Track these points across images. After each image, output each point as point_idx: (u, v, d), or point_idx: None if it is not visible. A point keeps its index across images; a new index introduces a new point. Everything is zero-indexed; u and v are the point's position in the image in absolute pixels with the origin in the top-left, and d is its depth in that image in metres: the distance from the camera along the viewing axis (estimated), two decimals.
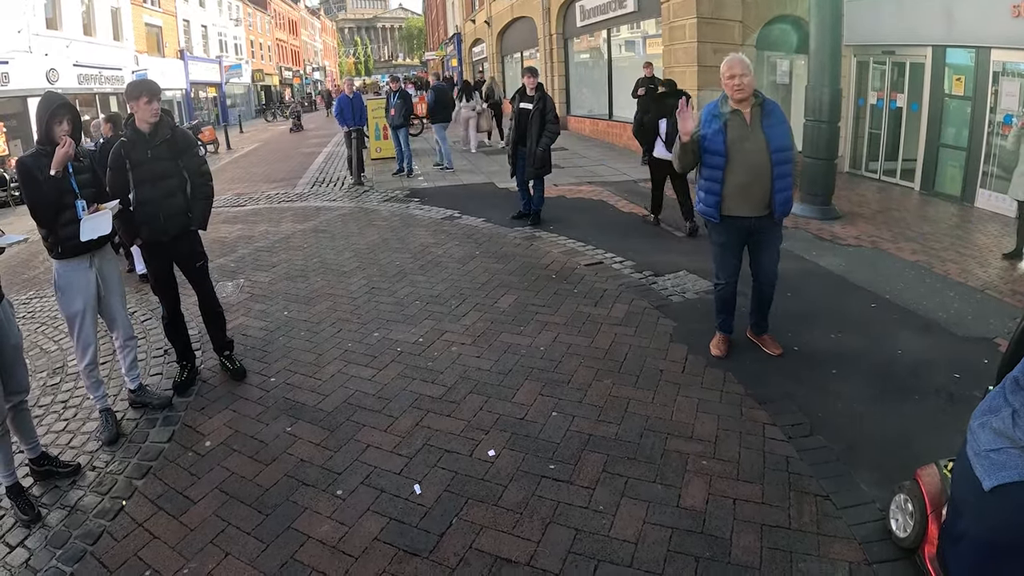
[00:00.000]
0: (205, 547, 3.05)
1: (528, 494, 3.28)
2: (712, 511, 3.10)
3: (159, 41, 31.69)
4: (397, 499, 3.30)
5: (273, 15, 55.19)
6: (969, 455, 2.09)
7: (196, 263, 4.59)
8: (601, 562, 2.82)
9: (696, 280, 6.14)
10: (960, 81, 9.17)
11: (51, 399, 4.61)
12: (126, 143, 4.16)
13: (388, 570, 2.85)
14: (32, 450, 3.59)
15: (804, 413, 3.88)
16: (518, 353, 4.81)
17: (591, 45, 18.85)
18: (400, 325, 5.43)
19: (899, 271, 6.30)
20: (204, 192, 4.50)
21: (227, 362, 4.78)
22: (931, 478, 2.70)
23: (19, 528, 3.24)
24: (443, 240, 8.03)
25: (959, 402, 3.91)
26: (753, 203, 4.29)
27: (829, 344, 4.80)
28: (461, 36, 37.72)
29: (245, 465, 3.65)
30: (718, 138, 4.21)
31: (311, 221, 9.75)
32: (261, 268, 7.36)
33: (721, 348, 4.65)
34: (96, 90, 24.46)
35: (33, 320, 6.30)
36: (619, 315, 5.41)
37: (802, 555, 2.81)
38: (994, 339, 4.78)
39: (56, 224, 3.73)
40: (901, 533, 2.78)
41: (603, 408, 4.03)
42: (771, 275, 4.54)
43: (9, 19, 19.11)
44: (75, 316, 3.92)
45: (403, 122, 13.06)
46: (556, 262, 6.89)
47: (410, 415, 4.06)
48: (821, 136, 8.56)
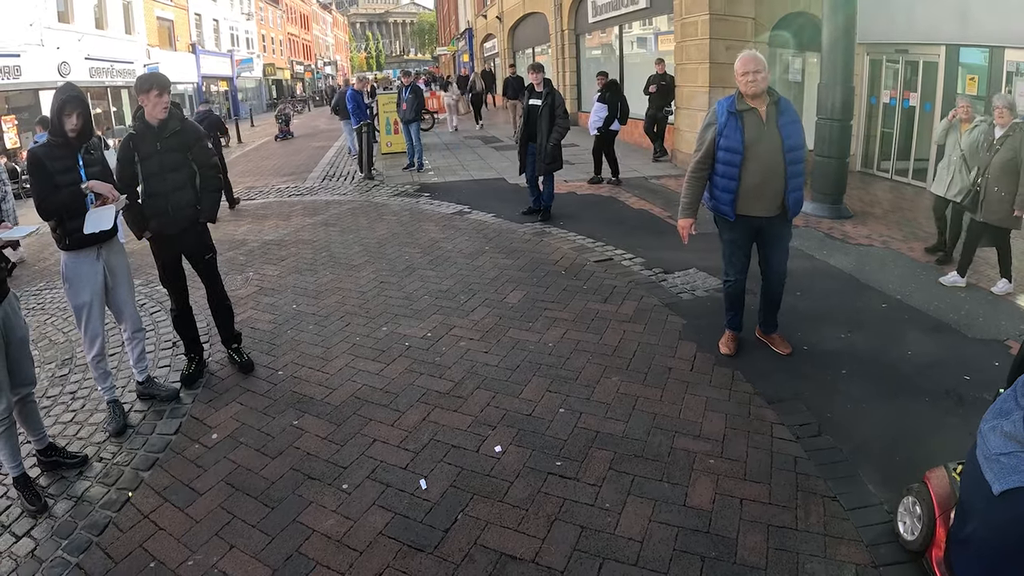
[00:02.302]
0: (210, 539, 3.05)
1: (534, 491, 3.27)
2: (719, 510, 3.08)
3: (171, 35, 31.79)
4: (403, 494, 3.29)
5: (285, 9, 55.29)
6: (979, 458, 2.07)
7: (205, 256, 4.61)
8: (606, 560, 2.81)
9: (706, 277, 6.11)
10: (973, 81, 9.08)
11: (59, 390, 4.63)
12: (135, 136, 4.16)
13: (393, 565, 2.84)
14: (39, 441, 3.60)
15: (812, 413, 3.86)
16: (526, 349, 4.80)
17: (603, 41, 18.78)
18: (408, 320, 5.43)
19: (910, 271, 6.25)
20: (213, 185, 4.50)
21: (235, 355, 4.79)
22: (940, 481, 2.68)
23: (26, 518, 3.27)
24: (452, 235, 8.02)
25: (969, 404, 3.88)
26: (766, 202, 4.25)
27: (839, 344, 4.77)
28: (473, 31, 37.67)
29: (251, 458, 3.66)
30: (736, 135, 4.17)
31: (320, 215, 9.76)
32: (270, 261, 7.38)
33: (730, 346, 4.63)
34: (108, 83, 24.60)
35: (43, 311, 6.34)
36: (628, 312, 5.39)
37: (808, 556, 2.79)
38: (1005, 341, 4.74)
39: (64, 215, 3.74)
40: (909, 536, 2.76)
41: (611, 405, 4.01)
42: (780, 273, 4.51)
43: (21, 12, 19.20)
44: (82, 307, 3.93)
45: (415, 117, 13.07)
46: (565, 258, 6.88)
47: (417, 410, 4.06)
48: (833, 134, 8.50)
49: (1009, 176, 5.50)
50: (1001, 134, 5.62)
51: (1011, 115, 5.61)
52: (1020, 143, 5.47)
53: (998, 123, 5.68)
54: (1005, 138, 5.56)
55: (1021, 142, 5.47)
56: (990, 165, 5.64)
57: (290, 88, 54.11)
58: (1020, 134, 5.49)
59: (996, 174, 5.58)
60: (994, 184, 5.61)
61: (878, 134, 11.35)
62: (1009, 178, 5.50)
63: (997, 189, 5.58)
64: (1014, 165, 5.47)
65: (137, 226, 4.28)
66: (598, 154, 11.23)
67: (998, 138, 5.64)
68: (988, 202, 5.68)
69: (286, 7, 55.92)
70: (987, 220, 5.73)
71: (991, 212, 5.66)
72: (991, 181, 5.63)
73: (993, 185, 5.62)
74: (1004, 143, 5.56)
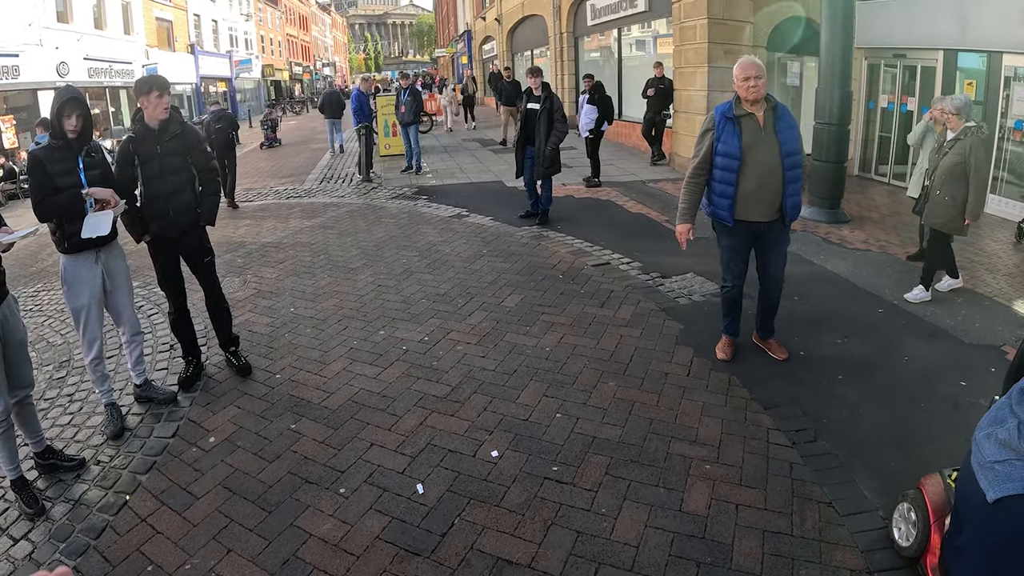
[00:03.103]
0: (207, 543, 3.06)
1: (530, 495, 3.28)
2: (714, 516, 3.09)
3: (169, 35, 31.74)
4: (399, 498, 3.30)
5: (283, 10, 55.26)
6: (973, 466, 2.07)
7: (203, 258, 4.61)
8: (602, 565, 2.82)
9: (703, 282, 6.12)
10: (971, 85, 9.09)
11: (57, 392, 4.63)
12: (135, 139, 4.17)
13: (389, 570, 2.85)
14: (37, 444, 3.60)
15: (809, 418, 3.87)
16: (523, 353, 4.81)
17: (601, 44, 18.81)
18: (406, 323, 5.44)
19: (907, 276, 6.26)
20: (212, 188, 4.52)
21: (232, 358, 4.79)
22: (935, 487, 2.69)
23: (23, 521, 3.27)
24: (450, 238, 8.03)
25: (965, 410, 3.89)
26: (765, 207, 4.27)
27: (835, 349, 4.78)
28: (471, 33, 37.69)
29: (248, 462, 3.66)
30: (733, 141, 4.19)
31: (319, 217, 9.77)
32: (268, 264, 7.38)
33: (727, 351, 4.64)
34: (107, 84, 24.54)
35: (40, 313, 6.34)
36: (625, 316, 5.40)
37: (804, 562, 2.80)
38: (1001, 347, 4.75)
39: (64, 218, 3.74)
40: (904, 542, 2.77)
41: (607, 410, 4.02)
42: (778, 278, 4.53)
43: (20, 12, 19.17)
44: (80, 310, 3.94)
45: (413, 119, 13.09)
46: (563, 262, 6.89)
47: (414, 414, 4.07)
48: (831, 139, 8.52)
49: (955, 181, 5.38)
50: (951, 137, 5.48)
51: (960, 119, 5.43)
52: (969, 148, 5.32)
53: (948, 126, 5.57)
54: (955, 142, 5.42)
55: (970, 147, 5.31)
56: (937, 168, 5.55)
57: (289, 89, 54.07)
58: (971, 139, 5.33)
59: (942, 178, 5.47)
60: (938, 188, 5.51)
61: (876, 139, 11.38)
62: (955, 182, 5.38)
63: (940, 193, 5.48)
64: (961, 170, 5.34)
65: (136, 230, 4.29)
66: (593, 156, 11.30)
67: (948, 141, 5.52)
68: (932, 206, 5.60)
69: (285, 8, 55.89)
70: (929, 224, 5.67)
71: (934, 216, 5.58)
72: (936, 185, 5.54)
73: (937, 189, 5.52)
74: (953, 147, 5.42)
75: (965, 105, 5.50)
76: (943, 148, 5.57)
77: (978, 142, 5.35)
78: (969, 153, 5.31)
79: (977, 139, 5.35)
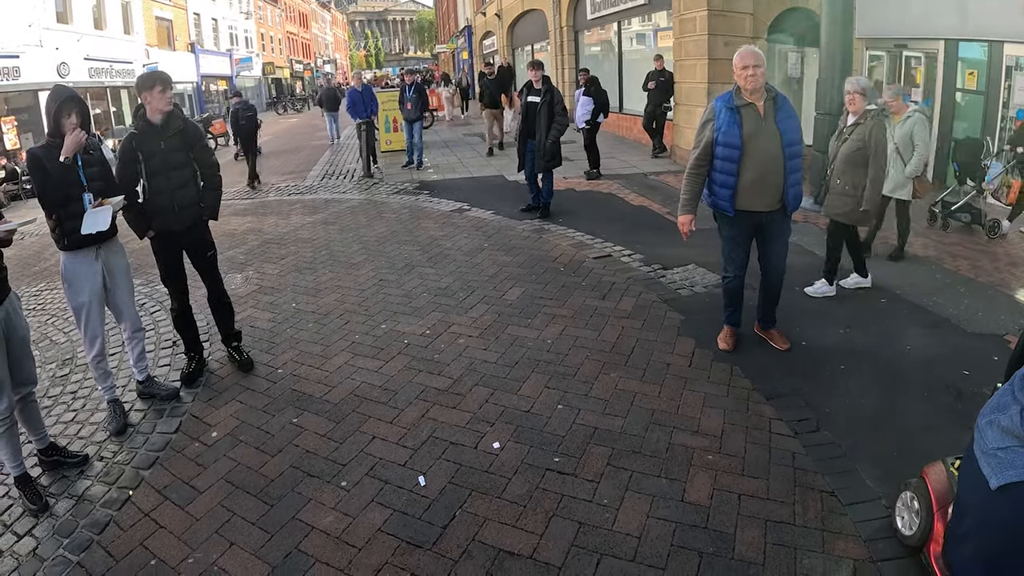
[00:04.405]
0: (210, 537, 3.07)
1: (532, 487, 3.28)
2: (716, 506, 3.09)
3: (170, 34, 31.76)
4: (401, 491, 3.30)
5: (283, 8, 55.21)
6: (976, 453, 2.06)
7: (206, 253, 4.62)
8: (604, 556, 2.82)
9: (705, 273, 6.11)
10: (973, 76, 9.06)
11: (60, 390, 4.65)
12: (137, 135, 4.16)
13: (391, 562, 2.85)
14: (40, 441, 3.61)
15: (811, 408, 3.86)
16: (525, 346, 4.80)
17: (601, 38, 18.76)
18: (407, 317, 5.44)
19: (910, 267, 6.24)
20: (214, 183, 4.53)
21: (235, 353, 4.80)
22: (938, 476, 2.68)
23: (27, 517, 3.28)
24: (452, 232, 8.03)
25: (968, 399, 3.88)
26: (766, 197, 4.26)
27: (837, 339, 4.77)
28: (472, 29, 37.62)
29: (251, 456, 3.67)
30: (734, 131, 4.17)
31: (320, 213, 9.77)
32: (270, 260, 7.38)
33: (728, 342, 4.63)
34: (107, 84, 24.58)
35: (43, 312, 6.35)
36: (627, 308, 5.40)
37: (806, 551, 2.80)
38: (1004, 335, 4.73)
39: (63, 215, 3.75)
40: (907, 531, 2.76)
41: (609, 401, 4.02)
42: (780, 269, 4.52)
43: (20, 13, 19.18)
44: (81, 307, 3.94)
45: (418, 116, 13.15)
46: (564, 255, 6.88)
47: (416, 407, 4.07)
48: (832, 130, 8.46)
49: (855, 169, 5.05)
50: (852, 122, 5.14)
51: (864, 101, 5.05)
52: (869, 133, 4.96)
53: (850, 109, 5.17)
54: (855, 127, 5.09)
55: (870, 132, 4.96)
56: (837, 156, 5.22)
57: (290, 87, 54.04)
58: (871, 123, 4.99)
59: (841, 166, 5.16)
60: (837, 176, 5.20)
61: None
62: (855, 171, 5.06)
63: (840, 182, 5.17)
64: (861, 156, 5.01)
65: (139, 226, 4.28)
66: (591, 148, 11.31)
67: (847, 126, 5.19)
68: (830, 195, 5.30)
69: (285, 6, 55.83)
70: (829, 215, 5.37)
71: (832, 207, 5.30)
72: (835, 173, 5.23)
73: (836, 178, 5.21)
74: (853, 132, 5.08)
75: (868, 87, 5.17)
76: (842, 134, 5.25)
77: (878, 126, 5.02)
78: (870, 138, 4.98)
79: (878, 123, 5.03)
